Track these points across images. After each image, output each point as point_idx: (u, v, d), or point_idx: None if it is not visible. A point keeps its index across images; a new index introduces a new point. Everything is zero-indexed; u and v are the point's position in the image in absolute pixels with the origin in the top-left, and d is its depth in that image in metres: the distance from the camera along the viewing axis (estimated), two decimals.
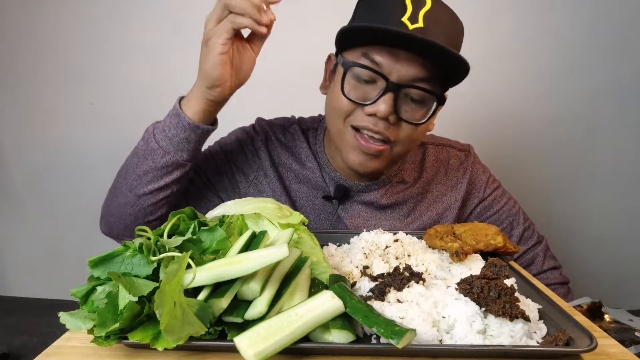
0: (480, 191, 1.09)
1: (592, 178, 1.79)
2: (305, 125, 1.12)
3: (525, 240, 1.09)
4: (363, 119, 0.88)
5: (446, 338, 0.51)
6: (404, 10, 0.82)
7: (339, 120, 0.92)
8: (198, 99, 0.87)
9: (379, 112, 0.85)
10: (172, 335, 0.44)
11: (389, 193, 1.05)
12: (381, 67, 0.85)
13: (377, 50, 0.85)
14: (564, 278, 1.08)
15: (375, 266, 0.68)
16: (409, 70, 0.84)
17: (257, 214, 0.67)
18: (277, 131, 1.10)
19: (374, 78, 0.87)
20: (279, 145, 1.09)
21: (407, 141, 0.92)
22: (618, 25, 1.66)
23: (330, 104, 0.95)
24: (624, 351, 0.51)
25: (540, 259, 1.08)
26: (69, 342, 0.52)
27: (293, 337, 0.46)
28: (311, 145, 1.09)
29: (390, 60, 0.85)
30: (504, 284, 0.55)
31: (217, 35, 0.80)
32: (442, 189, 1.09)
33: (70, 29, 1.72)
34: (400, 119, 0.88)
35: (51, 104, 1.79)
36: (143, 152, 0.89)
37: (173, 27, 1.70)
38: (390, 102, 0.85)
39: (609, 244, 1.84)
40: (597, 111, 1.73)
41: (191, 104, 0.87)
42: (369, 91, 0.88)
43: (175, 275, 0.49)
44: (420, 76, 0.85)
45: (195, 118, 0.87)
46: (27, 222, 1.93)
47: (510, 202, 1.11)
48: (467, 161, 1.10)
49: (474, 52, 1.66)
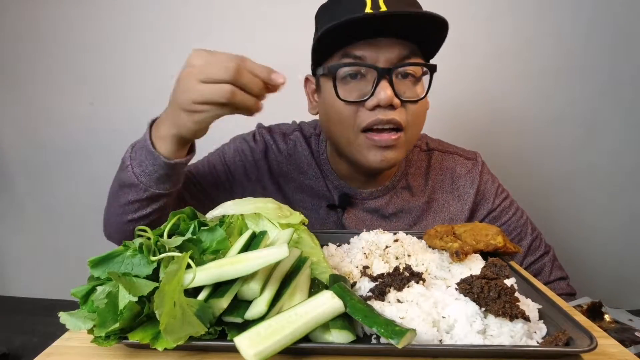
0: (489, 202, 1.07)
1: (592, 178, 1.79)
2: (308, 132, 1.10)
3: (533, 250, 1.07)
4: (369, 116, 0.87)
5: (446, 338, 0.51)
6: (364, 4, 0.83)
7: (346, 130, 0.90)
8: (171, 142, 0.78)
9: (381, 101, 0.84)
10: (172, 335, 0.44)
11: (394, 200, 1.03)
12: (365, 59, 0.86)
13: (354, 46, 0.86)
14: (571, 289, 1.06)
15: (375, 266, 0.68)
16: (392, 52, 0.85)
17: (257, 214, 0.67)
18: (278, 139, 1.07)
19: (363, 72, 0.87)
20: (279, 154, 1.06)
21: (416, 122, 0.91)
22: (618, 25, 1.66)
23: (329, 117, 0.93)
24: (624, 351, 0.51)
25: (548, 270, 1.06)
26: (69, 342, 0.52)
27: (293, 337, 0.46)
28: (314, 152, 1.07)
29: (371, 50, 0.85)
30: (504, 284, 0.55)
31: (207, 114, 0.71)
32: (448, 197, 1.06)
33: (70, 29, 1.72)
34: (403, 101, 0.87)
35: (51, 104, 1.79)
36: (125, 183, 0.82)
37: (173, 27, 1.70)
38: (389, 88, 0.84)
39: (609, 244, 1.84)
40: (597, 111, 1.73)
41: (164, 143, 0.78)
42: (363, 87, 0.87)
43: (175, 275, 0.49)
44: (404, 54, 0.86)
45: (171, 156, 0.79)
46: (27, 222, 1.93)
47: (519, 213, 1.09)
48: (475, 170, 1.07)
49: (474, 52, 1.67)
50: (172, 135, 0.77)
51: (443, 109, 1.65)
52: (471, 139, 1.24)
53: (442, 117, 1.66)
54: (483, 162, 1.10)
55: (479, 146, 1.19)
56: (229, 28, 1.70)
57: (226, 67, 0.67)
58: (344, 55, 0.87)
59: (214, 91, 0.68)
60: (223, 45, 1.65)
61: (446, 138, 1.20)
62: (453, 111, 1.71)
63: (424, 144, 1.11)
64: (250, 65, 0.70)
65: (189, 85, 0.70)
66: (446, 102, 1.65)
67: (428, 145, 1.11)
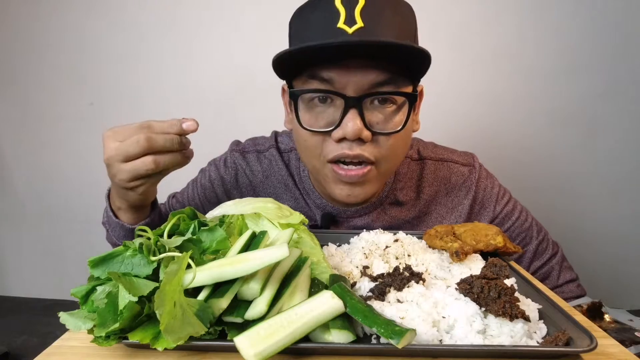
0: (490, 210, 0.99)
1: (592, 178, 1.79)
2: (286, 146, 1.01)
3: (540, 254, 1.01)
4: (335, 148, 0.78)
5: (446, 338, 0.51)
6: (337, 16, 0.72)
7: (312, 159, 0.83)
8: (129, 212, 0.82)
9: (347, 134, 0.75)
10: (172, 335, 0.44)
11: (382, 217, 0.95)
12: (333, 83, 0.75)
13: (322, 68, 0.75)
14: (581, 290, 1.01)
15: (375, 266, 0.68)
16: (364, 77, 0.74)
17: (257, 214, 0.67)
18: (251, 161, 1.01)
19: (330, 98, 0.77)
20: (253, 177, 1.01)
21: (391, 155, 0.81)
22: (618, 25, 1.66)
23: (297, 141, 0.85)
24: (624, 351, 0.51)
25: (556, 273, 1.00)
26: (69, 342, 0.52)
27: (293, 337, 0.46)
28: (292, 170, 0.99)
29: (341, 74, 0.74)
30: (504, 284, 0.55)
31: (146, 186, 0.73)
32: (443, 210, 0.99)
33: (70, 29, 1.72)
34: (375, 133, 0.77)
35: (51, 104, 1.79)
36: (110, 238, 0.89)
37: (172, 27, 1.71)
38: (358, 119, 0.74)
39: (609, 244, 1.84)
40: (597, 111, 1.73)
41: (124, 213, 0.82)
42: (330, 114, 0.77)
43: (175, 275, 0.49)
44: (379, 80, 0.74)
45: (133, 222, 0.83)
46: (27, 222, 1.93)
47: (522, 216, 1.01)
48: (471, 179, 0.99)
49: (474, 52, 1.67)
50: (126, 207, 0.81)
51: (442, 110, 1.66)
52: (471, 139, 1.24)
53: (442, 117, 1.66)
54: (480, 165, 1.02)
55: (478, 147, 1.19)
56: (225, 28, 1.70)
57: (137, 141, 0.67)
58: (310, 77, 0.76)
59: (138, 166, 0.69)
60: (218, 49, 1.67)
61: (445, 139, 1.18)
62: (453, 111, 1.72)
63: (415, 152, 1.02)
64: (159, 127, 0.69)
65: (115, 169, 0.71)
66: (445, 102, 1.66)
67: (420, 153, 1.02)
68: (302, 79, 0.79)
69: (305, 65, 0.77)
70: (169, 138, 0.68)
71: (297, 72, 0.79)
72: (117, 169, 0.70)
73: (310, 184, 0.97)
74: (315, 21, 0.75)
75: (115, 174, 0.71)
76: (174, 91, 1.78)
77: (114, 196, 0.81)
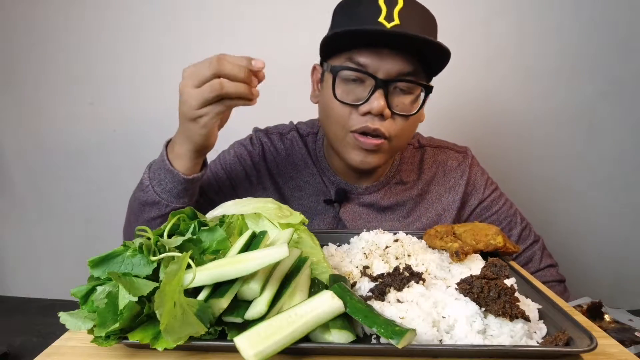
0: (479, 192, 1.12)
1: (592, 178, 1.79)
2: (304, 131, 1.14)
3: (524, 239, 1.11)
4: (359, 120, 0.91)
5: (446, 338, 0.51)
6: (379, 12, 0.86)
7: (337, 127, 0.95)
8: (187, 158, 0.86)
9: (373, 109, 0.89)
10: (172, 335, 0.44)
11: (389, 194, 1.08)
12: (367, 67, 0.89)
13: (360, 52, 0.89)
14: (561, 276, 1.10)
15: (375, 266, 0.68)
16: (393, 66, 0.88)
17: (257, 214, 0.67)
18: (275, 140, 1.12)
19: (362, 78, 0.90)
20: (277, 154, 1.11)
21: (402, 134, 0.96)
22: (618, 25, 1.66)
23: (325, 112, 0.98)
24: (624, 351, 0.51)
25: (538, 257, 1.10)
26: (69, 342, 0.52)
27: (293, 337, 0.46)
28: (310, 150, 1.11)
29: (375, 60, 0.88)
30: (504, 284, 0.55)
31: (209, 117, 0.78)
32: (441, 190, 1.11)
33: (70, 28, 1.72)
34: (394, 113, 0.91)
35: (51, 104, 1.79)
36: (146, 202, 0.90)
37: (173, 26, 1.71)
38: (382, 98, 0.88)
39: (609, 244, 1.84)
40: (597, 111, 1.73)
41: (181, 161, 0.87)
42: (360, 92, 0.91)
43: (175, 275, 0.49)
44: (405, 70, 0.89)
45: (188, 172, 0.87)
46: (27, 222, 1.93)
47: (508, 203, 1.14)
48: (465, 163, 1.13)
49: (474, 52, 1.67)
50: (187, 151, 0.85)
51: (442, 109, 1.66)
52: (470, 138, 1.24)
53: (442, 117, 1.66)
54: (473, 155, 1.15)
55: (478, 146, 1.20)
56: (229, 28, 1.70)
57: (209, 63, 0.74)
58: (348, 59, 0.90)
59: (206, 89, 0.75)
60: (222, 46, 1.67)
61: (444, 138, 1.20)
62: (452, 111, 1.72)
63: (416, 141, 1.16)
64: (230, 56, 0.76)
65: (186, 95, 0.77)
66: (445, 102, 1.65)
67: (420, 142, 1.16)
68: (340, 59, 0.92)
69: (346, 48, 0.90)
70: (238, 67, 0.74)
71: (337, 52, 0.93)
72: (188, 95, 0.76)
73: (326, 163, 1.09)
74: (359, 13, 0.89)
75: (185, 102, 0.77)
76: (174, 91, 1.77)
77: (175, 142, 0.86)
